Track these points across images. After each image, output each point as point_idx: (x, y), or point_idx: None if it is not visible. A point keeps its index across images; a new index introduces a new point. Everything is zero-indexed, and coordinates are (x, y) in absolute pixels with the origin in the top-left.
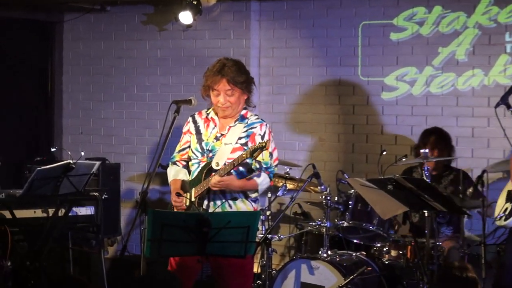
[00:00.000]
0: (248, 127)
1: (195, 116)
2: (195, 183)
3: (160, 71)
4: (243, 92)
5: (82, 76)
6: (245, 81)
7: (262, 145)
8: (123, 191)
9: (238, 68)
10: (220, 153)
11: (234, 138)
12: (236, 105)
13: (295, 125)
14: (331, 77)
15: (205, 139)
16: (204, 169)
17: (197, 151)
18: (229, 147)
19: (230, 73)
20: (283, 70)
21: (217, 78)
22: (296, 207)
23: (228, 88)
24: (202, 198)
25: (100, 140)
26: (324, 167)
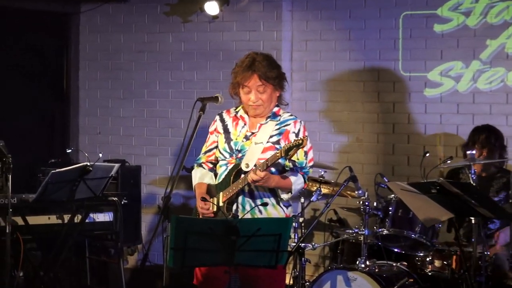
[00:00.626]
0: (280, 124)
1: (222, 115)
2: (222, 187)
3: (184, 66)
4: (275, 88)
5: (100, 71)
6: (277, 77)
7: (299, 143)
8: (144, 195)
9: (269, 62)
10: (250, 154)
11: (265, 137)
12: (268, 103)
13: (331, 125)
14: (370, 73)
15: (233, 138)
16: (232, 171)
17: (225, 151)
18: (259, 146)
19: (261, 68)
20: (317, 65)
21: (248, 74)
22: (331, 214)
23: (259, 84)
24: (230, 203)
25: (119, 141)
26: (361, 170)
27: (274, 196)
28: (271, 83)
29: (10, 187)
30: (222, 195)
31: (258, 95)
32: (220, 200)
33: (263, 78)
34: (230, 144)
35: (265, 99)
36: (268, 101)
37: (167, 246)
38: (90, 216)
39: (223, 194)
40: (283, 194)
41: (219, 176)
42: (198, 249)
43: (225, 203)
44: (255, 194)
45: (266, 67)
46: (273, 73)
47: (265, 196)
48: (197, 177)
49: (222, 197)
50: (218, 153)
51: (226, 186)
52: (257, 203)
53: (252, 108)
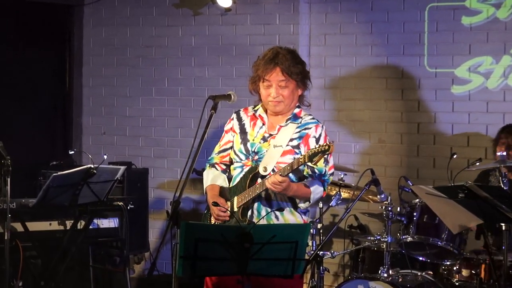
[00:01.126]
0: (301, 127)
1: (240, 113)
2: (237, 191)
3: (195, 62)
4: (297, 85)
5: (105, 67)
6: (301, 73)
7: (325, 148)
8: (152, 200)
9: (294, 57)
10: (268, 157)
11: (285, 140)
12: (289, 100)
13: (351, 124)
14: (393, 68)
15: (250, 139)
16: (249, 174)
17: (240, 152)
18: (279, 149)
19: (285, 61)
20: (337, 61)
21: (270, 67)
22: (351, 219)
23: (281, 79)
24: (245, 208)
25: (125, 142)
26: (384, 173)
27: (292, 202)
28: (294, 78)
29: (9, 191)
30: (237, 200)
31: (279, 90)
32: (235, 205)
33: (286, 73)
34: (246, 146)
35: (286, 95)
36: (289, 98)
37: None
38: (94, 222)
39: (238, 198)
40: (300, 203)
41: (233, 179)
42: (209, 257)
43: (240, 208)
44: (272, 200)
45: (290, 61)
46: (296, 68)
47: (283, 203)
48: (209, 178)
49: (237, 202)
50: (233, 154)
51: (242, 190)
52: (273, 207)
53: (272, 104)
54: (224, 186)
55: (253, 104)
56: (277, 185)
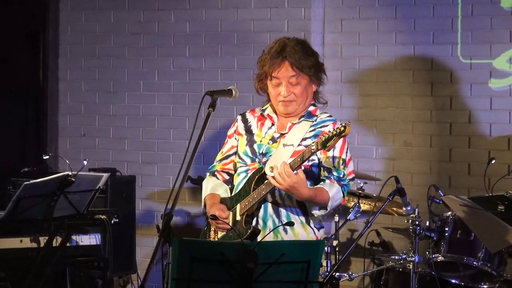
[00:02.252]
0: (316, 125)
1: (246, 115)
2: (240, 197)
3: (190, 51)
4: (310, 80)
5: (85, 58)
6: (314, 66)
7: (340, 130)
8: (140, 213)
9: (304, 48)
10: (276, 156)
11: (296, 138)
12: (302, 99)
13: (372, 124)
14: (421, 59)
15: (257, 141)
16: (254, 176)
17: (246, 155)
18: (289, 149)
19: (294, 54)
20: (356, 50)
21: (277, 62)
22: (372, 235)
23: (291, 75)
24: (249, 215)
25: (108, 145)
26: (411, 181)
27: (304, 213)
28: (305, 73)
29: None
30: (240, 207)
31: (290, 88)
32: (237, 213)
33: (296, 67)
34: (253, 147)
35: (298, 93)
36: (302, 96)
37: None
38: (72, 238)
39: (241, 205)
40: (315, 210)
41: (236, 187)
42: (207, 279)
43: (243, 215)
44: (280, 208)
45: (299, 53)
46: (308, 61)
47: (293, 212)
48: (209, 187)
49: (240, 209)
50: (237, 159)
51: (245, 195)
52: (282, 221)
53: (282, 104)
54: (225, 196)
55: (261, 105)
56: (283, 177)
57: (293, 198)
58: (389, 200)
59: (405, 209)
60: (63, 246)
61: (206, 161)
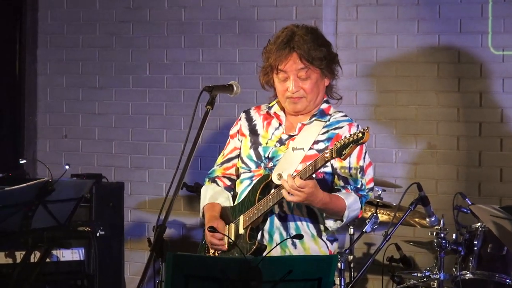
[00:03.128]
0: (330, 126)
1: (250, 112)
2: (244, 208)
3: (186, 42)
4: (322, 74)
5: (67, 50)
6: (326, 57)
7: (358, 137)
8: (129, 224)
9: (315, 37)
10: (284, 162)
11: (307, 141)
12: (313, 95)
13: (391, 124)
14: (447, 51)
15: (263, 143)
16: (259, 184)
17: (249, 159)
18: (299, 154)
19: (303, 44)
20: (373, 40)
21: (284, 53)
22: (392, 250)
23: (300, 67)
24: (254, 229)
25: (93, 148)
26: (435, 188)
27: (315, 224)
28: (316, 65)
29: None
30: (243, 219)
31: (299, 82)
32: (240, 226)
33: (306, 59)
34: (257, 150)
35: (308, 88)
36: (312, 91)
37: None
38: (52, 253)
39: (244, 217)
40: (329, 221)
41: (239, 195)
42: None
43: (247, 229)
44: (288, 219)
45: (309, 44)
46: (319, 51)
47: (302, 224)
48: (208, 196)
49: (243, 222)
50: (240, 163)
51: (250, 206)
52: (290, 234)
53: (290, 101)
54: (228, 205)
55: (267, 101)
56: (297, 192)
57: (303, 208)
58: (410, 210)
59: (428, 220)
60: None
61: (204, 165)
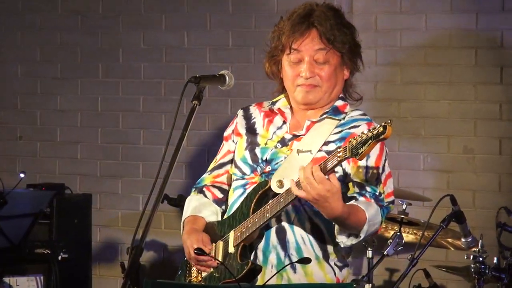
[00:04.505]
0: (344, 126)
1: (249, 109)
2: (236, 221)
3: (166, 23)
4: (343, 61)
5: (22, 31)
6: (350, 42)
7: (378, 132)
8: (98, 246)
9: (339, 16)
10: (287, 165)
11: (316, 142)
12: (330, 85)
13: (418, 123)
14: (487, 34)
15: (261, 143)
16: (255, 193)
17: (244, 163)
18: (305, 156)
19: (326, 21)
20: (395, 21)
21: (301, 29)
22: (419, 277)
23: (319, 47)
24: (248, 247)
25: (54, 152)
26: (472, 202)
27: (321, 244)
28: (338, 48)
29: None
30: (234, 235)
31: (315, 67)
32: (230, 243)
33: (326, 38)
34: (254, 151)
35: (325, 76)
36: (329, 80)
37: None
38: (4, 281)
39: (235, 233)
40: (342, 236)
41: (230, 207)
42: None
43: (239, 246)
44: (287, 236)
45: (332, 20)
46: (343, 33)
47: (305, 242)
48: (190, 207)
49: (234, 238)
50: (233, 168)
51: (242, 219)
52: (289, 254)
53: (302, 89)
54: (214, 220)
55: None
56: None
57: (306, 223)
58: (442, 228)
59: (464, 241)
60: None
61: (190, 174)
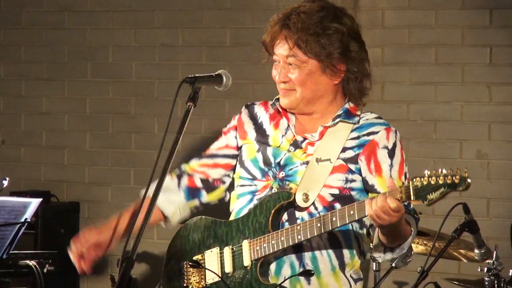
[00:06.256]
0: (361, 130)
1: (253, 108)
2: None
3: (159, 18)
4: (322, 65)
5: (5, 29)
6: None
7: (454, 183)
8: None
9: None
10: (309, 177)
11: (334, 149)
12: (307, 89)
13: (430, 126)
14: (502, 31)
15: (273, 144)
16: (274, 202)
17: (255, 165)
18: (325, 166)
19: (298, 22)
20: (404, 17)
21: (273, 31)
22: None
23: (288, 53)
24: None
25: (40, 157)
26: (486, 211)
27: (338, 254)
28: (310, 54)
29: None
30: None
31: (289, 70)
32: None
33: (296, 44)
34: (266, 154)
35: (296, 80)
36: (304, 85)
37: None
38: None
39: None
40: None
41: (237, 213)
42: None
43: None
44: (303, 245)
45: (307, 23)
46: (318, 36)
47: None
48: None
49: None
50: (241, 171)
51: (259, 229)
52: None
53: (281, 94)
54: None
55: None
56: (387, 216)
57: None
58: (454, 239)
59: (477, 252)
60: None
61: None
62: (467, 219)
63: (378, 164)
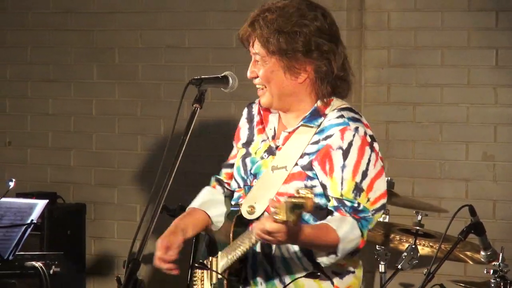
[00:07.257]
0: (321, 134)
1: (252, 108)
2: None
3: (165, 19)
4: (285, 63)
5: (10, 29)
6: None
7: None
8: (92, 258)
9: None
10: (260, 187)
11: (293, 156)
12: (274, 87)
13: (435, 128)
14: (509, 33)
15: (253, 152)
16: (232, 215)
17: (238, 174)
18: (280, 174)
19: (263, 18)
20: (410, 19)
21: (245, 26)
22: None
23: (253, 51)
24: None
25: (46, 158)
26: (493, 213)
27: (308, 256)
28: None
29: None
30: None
31: (256, 66)
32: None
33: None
34: (245, 162)
35: (263, 76)
36: (269, 82)
37: None
38: None
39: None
40: (321, 257)
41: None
42: None
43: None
44: (273, 251)
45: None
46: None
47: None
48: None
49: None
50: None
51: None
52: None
53: (257, 91)
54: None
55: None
56: (268, 237)
57: None
58: (460, 241)
59: (484, 254)
60: None
61: (191, 182)
62: (473, 221)
63: (332, 166)
